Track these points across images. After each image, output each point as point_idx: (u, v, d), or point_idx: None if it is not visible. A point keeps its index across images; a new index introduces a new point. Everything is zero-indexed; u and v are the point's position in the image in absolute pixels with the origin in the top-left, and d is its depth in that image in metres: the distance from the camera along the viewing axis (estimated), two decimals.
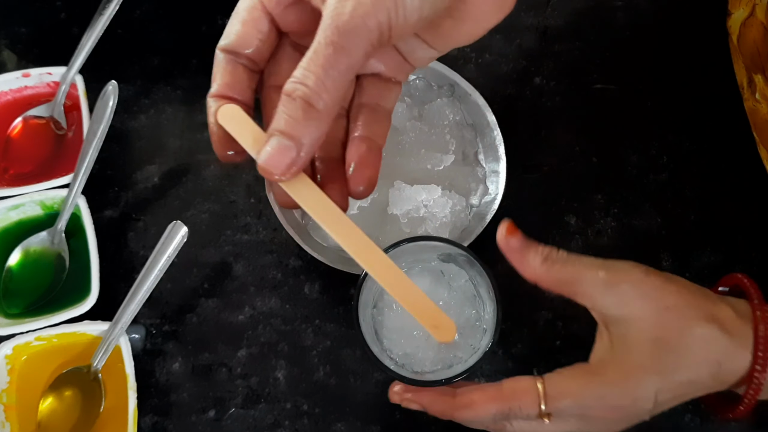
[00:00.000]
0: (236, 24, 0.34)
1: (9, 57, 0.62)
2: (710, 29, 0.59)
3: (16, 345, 0.47)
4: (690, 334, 0.36)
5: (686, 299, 0.37)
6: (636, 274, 0.37)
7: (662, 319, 0.36)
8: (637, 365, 0.36)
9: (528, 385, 0.37)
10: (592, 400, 0.36)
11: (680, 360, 0.36)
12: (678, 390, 0.37)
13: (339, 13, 0.29)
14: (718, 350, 0.36)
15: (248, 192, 0.55)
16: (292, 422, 0.48)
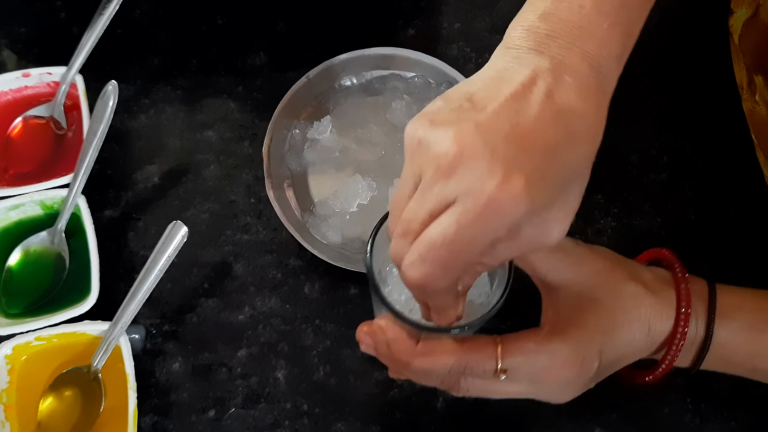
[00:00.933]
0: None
1: (9, 57, 0.62)
2: (710, 29, 0.59)
3: (16, 345, 0.47)
4: (621, 292, 0.39)
5: (612, 262, 0.41)
6: (566, 243, 0.40)
7: (595, 281, 0.39)
8: (582, 324, 0.38)
9: (487, 341, 0.38)
10: (544, 358, 0.38)
11: (617, 319, 0.39)
12: (618, 350, 0.39)
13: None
14: (647, 308, 0.39)
15: (248, 192, 0.55)
16: (292, 422, 0.48)
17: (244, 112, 0.59)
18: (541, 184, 0.30)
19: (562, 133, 0.31)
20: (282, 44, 0.61)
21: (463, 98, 0.32)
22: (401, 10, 0.63)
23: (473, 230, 0.30)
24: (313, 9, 0.63)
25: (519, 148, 0.30)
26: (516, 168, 0.30)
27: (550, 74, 0.32)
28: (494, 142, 0.30)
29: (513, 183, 0.29)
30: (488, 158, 0.30)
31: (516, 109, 0.31)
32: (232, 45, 0.61)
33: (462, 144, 0.30)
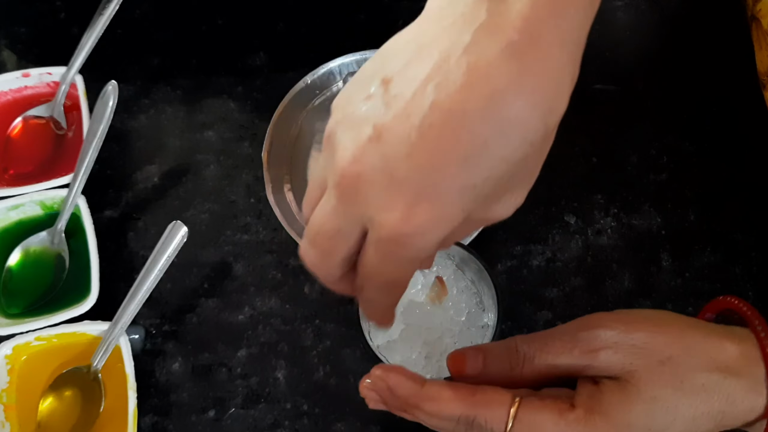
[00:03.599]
0: None
1: (9, 57, 0.62)
2: (710, 29, 0.59)
3: (16, 345, 0.47)
4: (690, 387, 0.32)
5: (681, 348, 0.33)
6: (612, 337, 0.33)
7: (656, 377, 0.32)
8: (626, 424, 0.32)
9: (503, 399, 0.32)
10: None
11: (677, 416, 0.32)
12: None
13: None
14: (722, 398, 0.32)
15: (248, 192, 0.55)
16: (292, 422, 0.48)
17: (244, 112, 0.59)
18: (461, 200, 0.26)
19: (492, 127, 0.24)
20: (282, 44, 0.61)
21: (377, 80, 0.26)
22: (401, 11, 0.63)
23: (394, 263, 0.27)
24: (313, 9, 0.63)
25: (427, 164, 0.25)
26: (422, 194, 0.25)
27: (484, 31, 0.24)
28: (395, 162, 0.25)
29: (416, 214, 0.25)
30: (386, 186, 0.25)
31: (428, 101, 0.24)
32: (232, 45, 0.61)
33: (360, 165, 0.26)
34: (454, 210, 0.26)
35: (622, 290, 0.50)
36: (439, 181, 0.25)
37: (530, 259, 0.52)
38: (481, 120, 0.24)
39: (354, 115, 0.27)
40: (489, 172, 0.25)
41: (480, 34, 0.24)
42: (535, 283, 0.51)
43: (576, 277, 0.51)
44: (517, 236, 0.52)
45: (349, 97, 0.28)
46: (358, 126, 0.26)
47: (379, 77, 0.26)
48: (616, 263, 0.51)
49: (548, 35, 0.24)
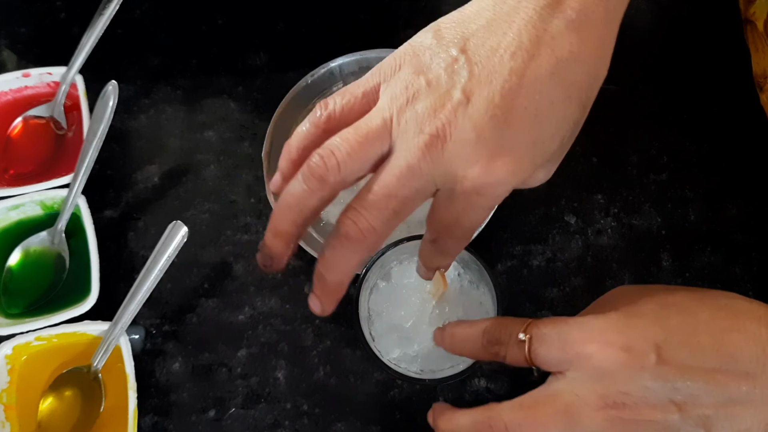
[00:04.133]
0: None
1: (9, 57, 0.62)
2: (711, 29, 0.59)
3: (16, 345, 0.47)
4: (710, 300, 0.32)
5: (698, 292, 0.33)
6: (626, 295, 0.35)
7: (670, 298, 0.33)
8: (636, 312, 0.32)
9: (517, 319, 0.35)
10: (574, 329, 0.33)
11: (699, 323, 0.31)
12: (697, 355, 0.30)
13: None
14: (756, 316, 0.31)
15: (248, 192, 0.55)
16: (292, 422, 0.48)
17: (244, 112, 0.59)
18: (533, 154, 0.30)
19: (558, 89, 0.29)
20: (282, 44, 0.61)
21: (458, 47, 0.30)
22: (401, 10, 0.63)
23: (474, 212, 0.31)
24: (313, 9, 0.63)
25: (506, 122, 0.29)
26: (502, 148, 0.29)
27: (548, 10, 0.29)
28: (481, 122, 0.29)
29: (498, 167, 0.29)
30: (473, 143, 0.29)
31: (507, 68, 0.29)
32: (232, 45, 0.61)
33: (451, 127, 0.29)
34: (527, 163, 0.30)
35: None
36: (515, 136, 0.29)
37: (530, 259, 0.52)
38: (549, 83, 0.29)
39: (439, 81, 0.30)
40: (555, 129, 0.30)
41: (545, 12, 0.29)
42: (535, 283, 0.51)
43: (576, 277, 0.51)
44: (517, 236, 0.52)
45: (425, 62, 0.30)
46: (446, 92, 0.29)
47: (456, 46, 0.30)
48: (616, 263, 0.51)
49: (597, 14, 0.30)
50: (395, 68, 0.32)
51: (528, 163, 0.30)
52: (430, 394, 0.48)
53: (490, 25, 0.30)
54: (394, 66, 0.32)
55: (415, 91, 0.30)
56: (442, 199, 0.31)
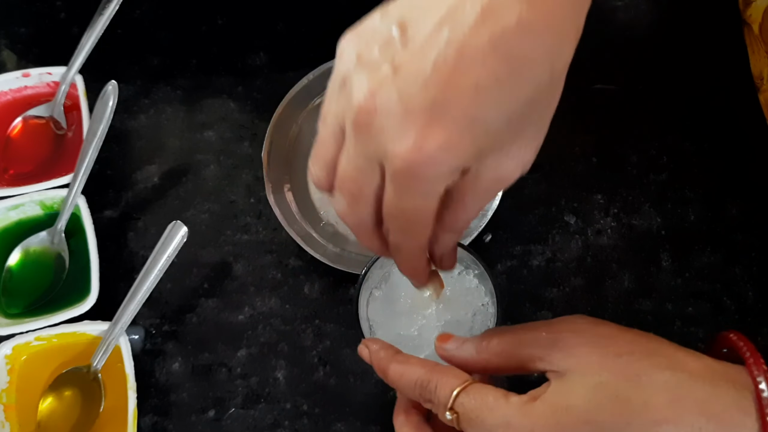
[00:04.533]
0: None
1: (9, 57, 0.62)
2: (711, 29, 0.59)
3: (16, 345, 0.47)
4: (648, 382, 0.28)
5: (644, 347, 0.30)
6: (581, 324, 0.33)
7: (610, 364, 0.30)
8: (564, 407, 0.29)
9: (460, 374, 0.33)
10: (498, 416, 0.31)
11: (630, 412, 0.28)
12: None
13: None
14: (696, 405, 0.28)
15: (248, 192, 0.55)
16: (292, 422, 0.48)
17: (244, 112, 0.59)
18: (472, 132, 0.26)
19: (502, 63, 0.26)
20: (282, 44, 0.61)
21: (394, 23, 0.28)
22: None
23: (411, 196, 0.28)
24: (313, 9, 0.63)
25: (441, 95, 0.26)
26: (434, 122, 0.26)
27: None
28: (409, 95, 0.26)
29: (428, 141, 0.26)
30: (400, 117, 0.26)
31: (443, 38, 0.26)
32: (232, 45, 0.61)
33: (376, 98, 0.27)
34: (464, 140, 0.27)
35: (622, 290, 0.50)
36: (450, 110, 0.26)
37: (530, 259, 0.52)
38: (492, 55, 0.26)
39: (370, 57, 0.28)
40: (499, 107, 0.27)
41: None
42: (535, 283, 0.51)
43: (576, 277, 0.51)
44: (517, 236, 0.52)
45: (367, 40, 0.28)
46: (375, 66, 0.27)
47: (395, 22, 0.28)
48: (616, 263, 0.51)
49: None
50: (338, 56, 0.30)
51: (467, 141, 0.27)
52: None
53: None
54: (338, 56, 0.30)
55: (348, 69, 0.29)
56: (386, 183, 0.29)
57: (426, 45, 0.26)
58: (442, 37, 0.26)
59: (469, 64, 0.26)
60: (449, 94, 0.26)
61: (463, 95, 0.26)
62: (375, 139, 0.27)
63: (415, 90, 0.26)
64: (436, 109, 0.26)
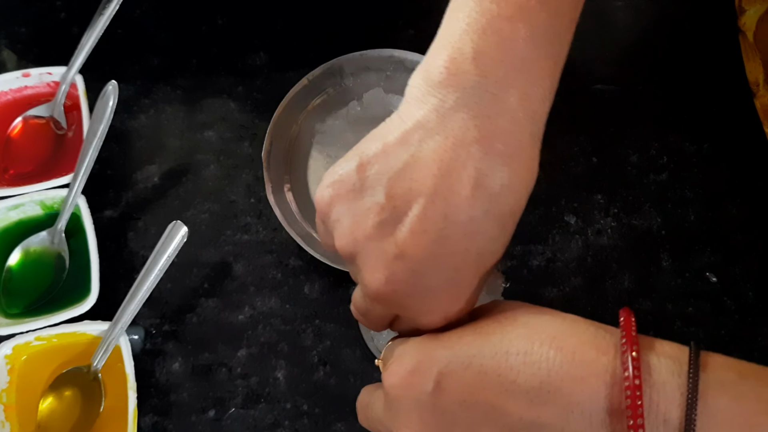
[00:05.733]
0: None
1: (9, 57, 0.62)
2: (711, 29, 0.59)
3: (16, 345, 0.47)
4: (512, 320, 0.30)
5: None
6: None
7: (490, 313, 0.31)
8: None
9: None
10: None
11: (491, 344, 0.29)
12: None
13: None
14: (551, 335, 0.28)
15: (248, 192, 0.55)
16: (292, 422, 0.48)
17: (244, 112, 0.59)
18: (479, 284, 0.30)
19: (494, 221, 0.29)
20: (282, 44, 0.61)
21: (381, 191, 0.29)
22: (401, 10, 0.63)
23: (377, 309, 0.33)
24: (313, 9, 0.63)
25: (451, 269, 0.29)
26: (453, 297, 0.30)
27: (477, 146, 0.28)
28: (423, 274, 0.29)
29: (454, 313, 0.30)
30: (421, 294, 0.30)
31: (440, 214, 0.28)
32: (232, 45, 0.61)
33: (393, 284, 0.29)
34: (477, 294, 0.31)
35: (622, 290, 0.50)
36: (463, 280, 0.29)
37: (530, 259, 0.52)
38: (486, 220, 0.29)
39: (368, 226, 0.29)
40: (496, 257, 0.30)
41: (474, 150, 0.28)
42: (535, 283, 0.51)
43: (576, 277, 0.51)
44: (517, 236, 0.52)
45: (355, 200, 0.30)
46: (381, 240, 0.29)
47: (381, 190, 0.29)
48: (616, 263, 0.51)
49: (524, 139, 0.29)
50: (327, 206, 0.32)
51: (478, 292, 0.31)
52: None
53: (416, 161, 0.29)
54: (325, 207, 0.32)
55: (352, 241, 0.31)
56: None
57: (423, 222, 0.28)
58: (437, 211, 0.28)
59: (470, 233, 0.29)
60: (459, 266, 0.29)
61: (470, 261, 0.29)
62: (398, 309, 0.32)
63: (427, 270, 0.29)
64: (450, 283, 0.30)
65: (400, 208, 0.29)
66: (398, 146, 0.29)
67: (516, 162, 0.29)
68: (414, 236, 0.28)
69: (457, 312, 0.30)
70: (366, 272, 0.30)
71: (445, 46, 0.30)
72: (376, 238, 0.29)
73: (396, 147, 0.29)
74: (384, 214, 0.29)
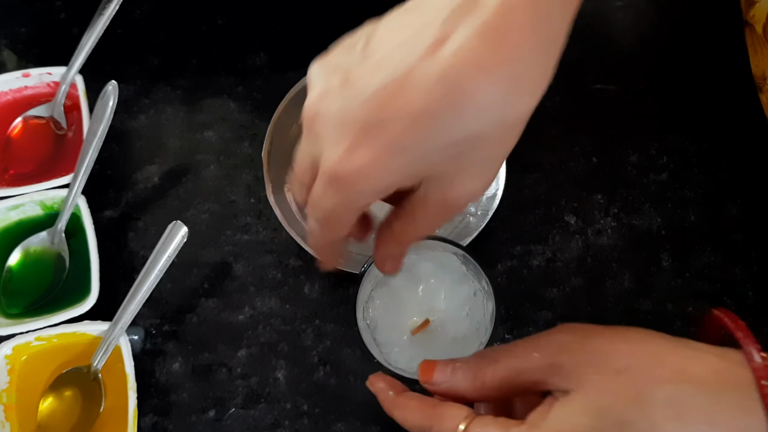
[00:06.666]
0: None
1: (9, 57, 0.62)
2: (711, 29, 0.59)
3: (16, 345, 0.47)
4: (651, 401, 0.28)
5: (644, 357, 0.30)
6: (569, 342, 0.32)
7: (611, 385, 0.29)
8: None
9: (458, 414, 0.33)
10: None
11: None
12: None
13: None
14: (698, 415, 0.27)
15: (248, 192, 0.55)
16: (292, 422, 0.48)
17: (244, 112, 0.59)
18: (402, 157, 0.26)
19: (445, 95, 0.25)
20: (282, 44, 0.61)
21: (363, 36, 0.28)
22: None
23: (332, 200, 0.29)
24: (313, 9, 0.63)
25: (376, 115, 0.26)
26: (364, 140, 0.26)
27: (461, 9, 0.25)
28: (351, 106, 0.27)
29: (356, 156, 0.26)
30: (337, 125, 0.27)
31: (396, 60, 0.26)
32: (232, 45, 0.61)
33: (321, 103, 0.28)
34: (394, 164, 0.27)
35: (622, 290, 0.50)
36: (382, 132, 0.26)
37: (530, 259, 0.52)
38: (437, 86, 0.25)
39: (331, 61, 0.29)
40: (435, 137, 0.26)
41: (458, 12, 0.25)
42: (535, 283, 0.51)
43: (576, 277, 0.51)
44: (517, 236, 0.52)
45: (338, 47, 0.30)
46: (332, 71, 0.29)
47: (365, 35, 0.28)
48: (616, 263, 0.51)
49: (522, 21, 0.25)
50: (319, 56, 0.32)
51: (395, 164, 0.27)
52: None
53: (402, 17, 0.27)
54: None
55: (311, 77, 0.30)
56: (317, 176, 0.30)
57: (379, 64, 0.26)
58: (395, 58, 0.26)
59: (412, 90, 0.25)
60: (385, 116, 0.26)
61: (400, 120, 0.26)
62: (315, 140, 0.29)
63: (355, 105, 0.26)
64: (369, 128, 0.26)
65: (369, 50, 0.27)
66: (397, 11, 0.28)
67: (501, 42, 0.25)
68: (364, 69, 0.27)
69: (362, 164, 0.27)
70: (309, 92, 0.29)
71: None
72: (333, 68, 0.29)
73: (396, 11, 0.28)
74: (354, 52, 0.28)
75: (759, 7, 0.53)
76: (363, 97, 0.26)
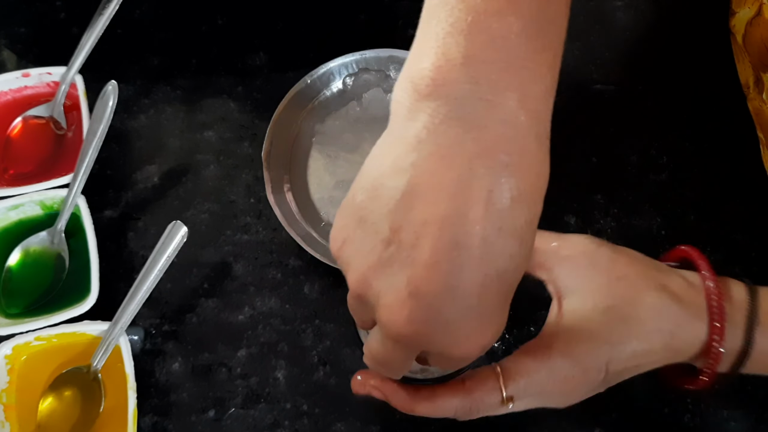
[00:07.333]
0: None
1: (9, 57, 0.62)
2: (710, 29, 0.59)
3: (16, 345, 0.47)
4: (641, 303, 0.36)
5: (637, 270, 0.37)
6: (588, 245, 0.38)
7: (613, 289, 0.36)
8: (586, 336, 0.36)
9: (487, 374, 0.36)
10: (543, 375, 0.36)
11: (631, 329, 0.36)
12: (630, 361, 0.36)
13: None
14: (670, 319, 0.36)
15: (248, 192, 0.55)
16: (292, 422, 0.48)
17: (244, 112, 0.59)
18: (505, 309, 0.29)
19: (506, 241, 0.26)
20: (282, 44, 0.61)
21: (385, 225, 0.27)
22: (401, 10, 0.63)
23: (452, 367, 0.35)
24: (313, 9, 0.63)
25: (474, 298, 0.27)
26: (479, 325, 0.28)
27: (478, 162, 0.25)
28: (444, 309, 0.27)
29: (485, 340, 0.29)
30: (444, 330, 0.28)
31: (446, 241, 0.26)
32: (232, 45, 0.61)
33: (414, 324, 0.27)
34: (504, 319, 0.29)
35: None
36: (488, 306, 0.28)
37: None
38: (501, 239, 0.26)
39: (375, 263, 0.28)
40: (519, 273, 0.28)
41: (476, 165, 0.26)
42: (535, 283, 0.51)
43: None
44: None
45: (360, 240, 0.28)
46: (391, 277, 0.27)
47: (385, 224, 0.27)
48: None
49: (530, 143, 0.27)
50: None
51: (505, 317, 0.29)
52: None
53: (414, 192, 0.26)
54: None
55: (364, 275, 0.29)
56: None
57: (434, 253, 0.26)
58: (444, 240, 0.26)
59: (485, 259, 0.26)
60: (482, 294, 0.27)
61: (492, 287, 0.27)
62: (422, 346, 0.30)
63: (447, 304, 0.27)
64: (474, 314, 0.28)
65: (406, 240, 0.26)
66: (393, 175, 0.27)
67: (523, 170, 0.26)
68: (426, 270, 0.26)
69: (491, 338, 0.29)
70: (382, 314, 0.28)
71: (427, 52, 0.27)
72: (386, 276, 0.27)
73: (391, 176, 0.27)
74: (391, 249, 0.27)
75: (739, 18, 0.53)
76: (448, 297, 0.27)
